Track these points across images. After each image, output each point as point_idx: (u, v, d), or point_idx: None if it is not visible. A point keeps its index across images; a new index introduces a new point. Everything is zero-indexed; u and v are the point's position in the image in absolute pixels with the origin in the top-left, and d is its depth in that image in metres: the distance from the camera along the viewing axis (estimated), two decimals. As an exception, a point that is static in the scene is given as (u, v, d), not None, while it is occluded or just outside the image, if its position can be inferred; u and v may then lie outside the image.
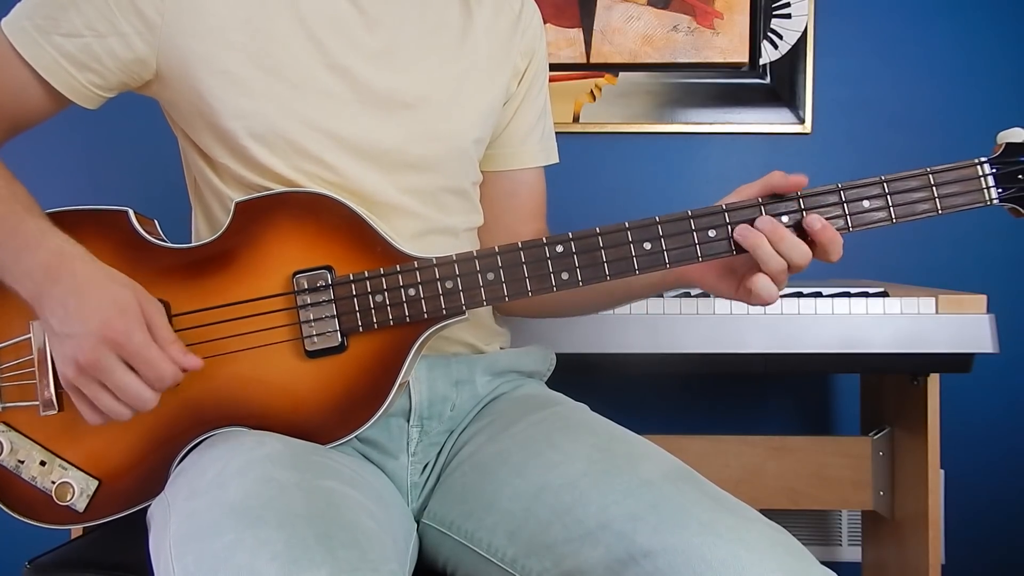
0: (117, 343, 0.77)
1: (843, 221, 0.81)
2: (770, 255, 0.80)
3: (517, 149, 1.06)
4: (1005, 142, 0.81)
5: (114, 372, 0.77)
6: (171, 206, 1.04)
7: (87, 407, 0.80)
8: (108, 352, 0.77)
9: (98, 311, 0.77)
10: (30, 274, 0.79)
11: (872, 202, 0.81)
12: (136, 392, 0.78)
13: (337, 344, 0.84)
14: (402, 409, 0.92)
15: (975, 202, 0.81)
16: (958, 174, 0.82)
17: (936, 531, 1.43)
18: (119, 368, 0.77)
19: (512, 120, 1.05)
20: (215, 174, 0.92)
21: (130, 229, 0.87)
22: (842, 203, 0.81)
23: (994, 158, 0.81)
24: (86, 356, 0.76)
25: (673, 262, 0.82)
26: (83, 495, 0.86)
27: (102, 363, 0.77)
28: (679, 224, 0.82)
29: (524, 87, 1.05)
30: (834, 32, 1.86)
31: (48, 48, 0.85)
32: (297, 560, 0.64)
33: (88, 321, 0.77)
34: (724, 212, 0.82)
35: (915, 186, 0.82)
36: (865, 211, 0.81)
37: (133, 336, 0.77)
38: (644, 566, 0.71)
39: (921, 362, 1.31)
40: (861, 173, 0.83)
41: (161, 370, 0.78)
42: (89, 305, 0.77)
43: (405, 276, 0.84)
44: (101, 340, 0.76)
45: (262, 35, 0.88)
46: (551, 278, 0.83)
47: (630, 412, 1.12)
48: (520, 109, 1.05)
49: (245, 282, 0.86)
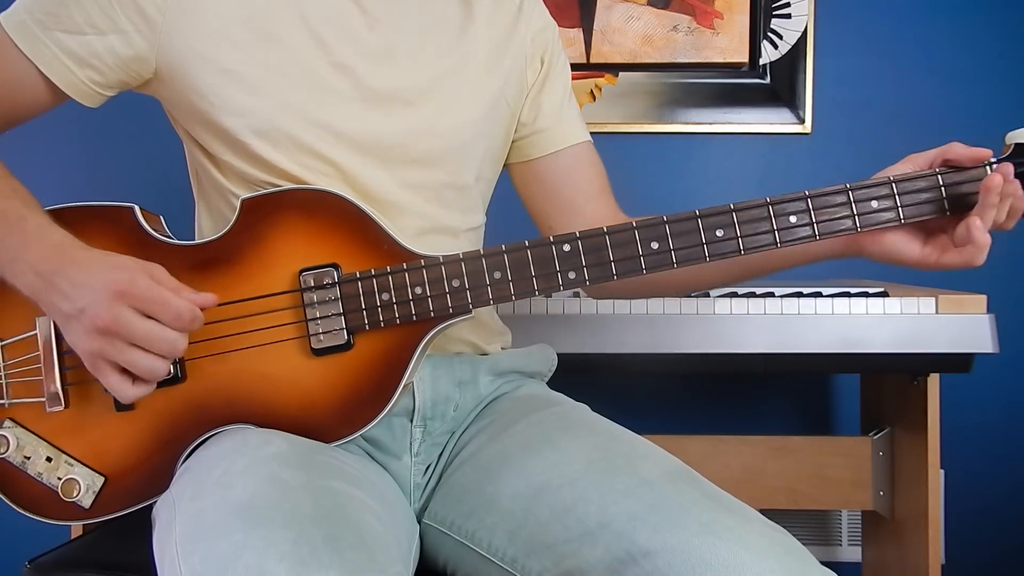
0: (126, 293, 0.76)
1: (851, 221, 0.81)
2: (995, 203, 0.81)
3: (557, 129, 1.05)
4: (1014, 143, 0.81)
5: (133, 323, 0.76)
6: (172, 204, 1.04)
7: (118, 377, 0.78)
8: (122, 306, 0.76)
9: (101, 277, 0.77)
10: (32, 268, 0.79)
11: (881, 202, 0.81)
12: (161, 335, 0.77)
13: (343, 342, 0.84)
14: (405, 409, 0.92)
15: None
16: (967, 175, 0.82)
17: (936, 531, 1.43)
18: (137, 318, 0.76)
19: (541, 104, 1.04)
20: (218, 171, 0.92)
21: (136, 226, 0.87)
22: (850, 203, 0.81)
23: (1003, 159, 0.81)
24: (103, 318, 0.76)
25: (680, 262, 0.82)
26: (89, 491, 0.86)
27: (120, 319, 0.76)
28: (686, 224, 0.82)
29: (545, 70, 1.05)
30: (834, 32, 1.86)
31: (49, 43, 0.86)
32: (305, 561, 0.64)
33: (94, 287, 0.76)
34: (732, 212, 0.82)
35: (924, 187, 0.82)
36: (873, 211, 0.81)
37: (138, 281, 0.76)
38: (644, 566, 0.71)
39: (921, 362, 1.31)
40: (861, 173, 0.83)
41: (176, 306, 0.77)
42: (93, 276, 0.77)
43: (412, 275, 0.84)
44: (111, 297, 0.76)
45: (263, 33, 0.88)
46: (558, 277, 0.83)
47: (630, 412, 1.12)
48: (545, 91, 1.04)
49: (251, 279, 0.86)
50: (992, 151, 0.83)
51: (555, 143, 1.05)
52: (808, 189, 0.82)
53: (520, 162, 1.06)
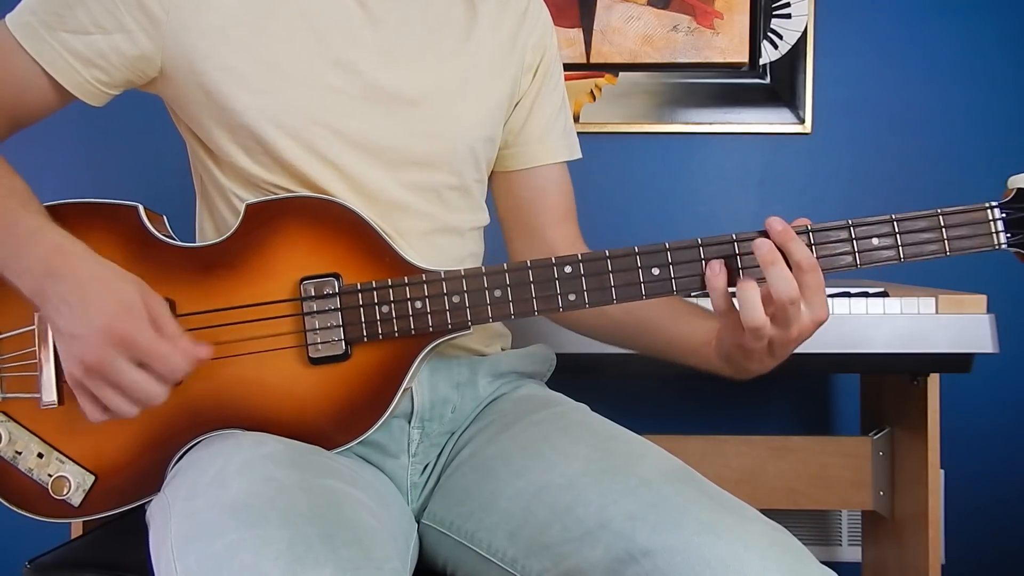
0: (124, 341, 0.76)
1: (851, 258, 0.81)
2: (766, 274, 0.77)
3: (538, 145, 1.05)
4: (1016, 187, 0.81)
5: (122, 371, 0.76)
6: (173, 204, 1.04)
7: (92, 405, 0.79)
8: (115, 352, 0.76)
9: (102, 310, 0.76)
10: (29, 270, 0.79)
11: (881, 240, 0.81)
12: (145, 389, 0.77)
13: (341, 352, 0.84)
14: (403, 411, 0.92)
15: (984, 246, 0.81)
16: (968, 217, 0.81)
17: (936, 531, 1.43)
18: (127, 367, 0.76)
19: (529, 116, 1.04)
20: (219, 170, 0.92)
21: (139, 225, 0.87)
22: (852, 239, 0.81)
23: (1005, 203, 0.81)
24: (94, 356, 0.75)
25: (680, 290, 0.82)
26: (79, 490, 0.86)
27: (110, 364, 0.76)
28: (688, 252, 0.82)
29: (538, 83, 1.04)
30: (834, 32, 1.86)
31: (54, 44, 0.85)
32: (301, 559, 0.64)
33: (93, 321, 0.76)
34: (734, 242, 0.81)
35: (924, 227, 0.81)
36: (874, 248, 0.81)
37: (140, 334, 0.76)
38: (643, 565, 0.71)
39: (921, 362, 1.31)
40: (861, 173, 0.83)
41: (173, 363, 0.77)
42: (92, 304, 0.76)
43: (412, 289, 0.84)
44: (107, 340, 0.75)
45: (266, 31, 0.88)
46: (558, 299, 0.83)
47: (630, 412, 1.12)
48: (536, 104, 1.05)
49: (252, 285, 0.85)
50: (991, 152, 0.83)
51: (531, 159, 1.05)
52: (810, 223, 0.80)
53: (496, 171, 1.06)
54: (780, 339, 0.79)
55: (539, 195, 1.06)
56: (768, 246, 0.77)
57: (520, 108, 1.04)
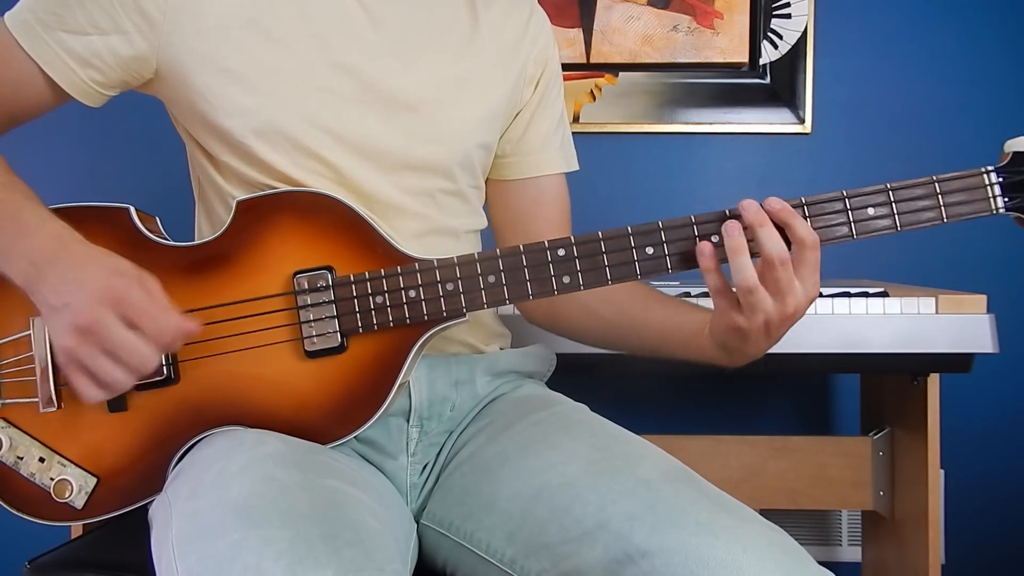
0: (115, 299, 0.75)
1: (847, 228, 0.80)
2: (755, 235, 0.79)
3: (536, 156, 1.05)
4: (1012, 151, 0.80)
5: (113, 329, 0.75)
6: (172, 205, 1.04)
7: (86, 380, 0.77)
8: (106, 310, 0.75)
9: (96, 276, 0.76)
10: (28, 257, 0.78)
11: (877, 209, 0.80)
12: (135, 348, 0.75)
13: (337, 344, 0.84)
14: (402, 409, 0.92)
15: (981, 211, 0.80)
16: (964, 183, 0.81)
17: (936, 531, 1.43)
18: (117, 325, 0.75)
19: (528, 127, 1.04)
20: (217, 172, 0.92)
21: (131, 226, 0.87)
22: (847, 210, 0.80)
23: (1001, 167, 0.80)
24: (84, 317, 0.75)
25: (675, 268, 0.82)
26: (81, 492, 0.86)
27: (101, 321, 0.75)
28: (682, 230, 0.82)
29: (538, 95, 1.05)
30: (834, 32, 1.86)
31: (51, 43, 0.86)
32: (302, 560, 0.64)
33: (85, 285, 0.76)
34: (727, 218, 0.81)
35: (920, 194, 0.80)
36: (870, 218, 0.80)
37: (131, 292, 0.76)
38: (642, 566, 0.71)
39: (921, 362, 1.31)
40: (861, 173, 0.83)
41: (162, 323, 0.76)
42: (88, 272, 0.77)
43: (406, 277, 0.84)
44: (99, 299, 0.75)
45: (264, 33, 0.88)
46: (552, 281, 0.83)
47: (630, 412, 1.12)
48: (536, 116, 1.05)
49: (246, 281, 0.86)
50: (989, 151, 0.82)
51: (529, 170, 1.05)
52: (804, 196, 0.81)
53: (493, 179, 1.06)
54: (776, 315, 0.79)
55: (535, 206, 1.06)
56: (755, 207, 0.78)
57: (520, 119, 1.04)
